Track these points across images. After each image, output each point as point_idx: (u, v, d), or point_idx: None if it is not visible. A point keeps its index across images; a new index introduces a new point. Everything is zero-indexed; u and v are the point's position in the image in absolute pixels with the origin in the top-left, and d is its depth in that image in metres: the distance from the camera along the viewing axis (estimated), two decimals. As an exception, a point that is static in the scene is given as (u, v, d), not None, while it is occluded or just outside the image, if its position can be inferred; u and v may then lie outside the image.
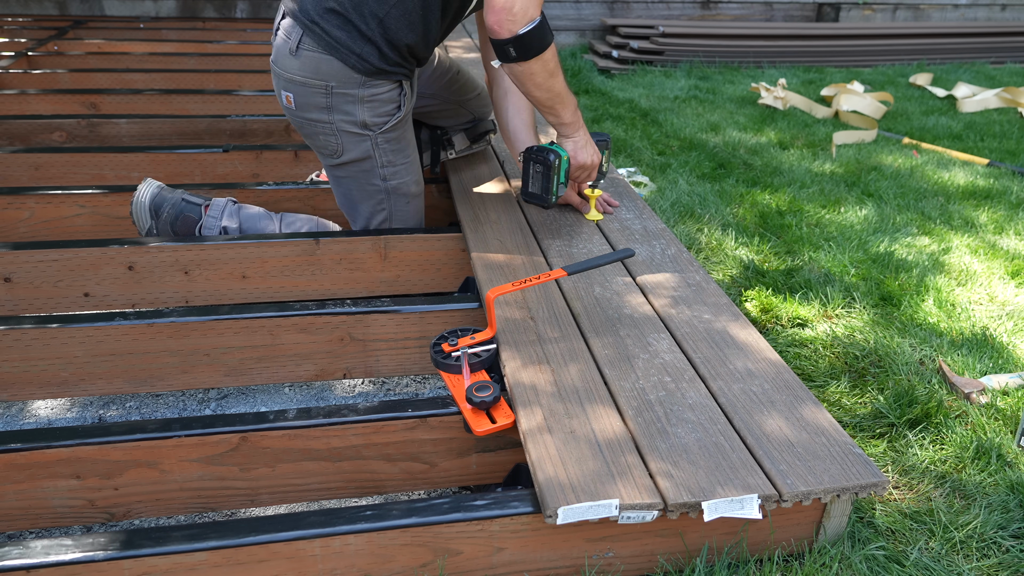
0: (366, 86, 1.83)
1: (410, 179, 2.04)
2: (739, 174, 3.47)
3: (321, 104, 1.85)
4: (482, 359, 1.58)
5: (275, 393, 1.97)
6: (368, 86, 1.84)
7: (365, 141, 1.91)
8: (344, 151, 1.92)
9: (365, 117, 1.87)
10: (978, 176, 3.49)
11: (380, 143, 1.92)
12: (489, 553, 1.29)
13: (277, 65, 1.88)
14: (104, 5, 5.46)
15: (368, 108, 1.86)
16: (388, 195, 2.03)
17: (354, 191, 2.03)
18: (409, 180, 2.04)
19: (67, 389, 1.78)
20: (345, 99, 1.84)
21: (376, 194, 2.03)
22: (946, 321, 2.24)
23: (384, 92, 1.86)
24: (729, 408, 1.44)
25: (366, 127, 1.89)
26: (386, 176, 1.98)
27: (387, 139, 1.94)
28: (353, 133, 1.89)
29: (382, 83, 1.85)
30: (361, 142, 1.91)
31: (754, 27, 6.11)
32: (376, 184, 2.00)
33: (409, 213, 2.10)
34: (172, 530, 1.21)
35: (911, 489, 1.62)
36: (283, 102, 1.93)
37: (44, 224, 2.31)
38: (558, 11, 6.16)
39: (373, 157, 1.93)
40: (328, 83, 1.82)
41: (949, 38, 6.19)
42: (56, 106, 3.26)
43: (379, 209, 2.06)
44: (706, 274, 1.91)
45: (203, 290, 2.05)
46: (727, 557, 1.37)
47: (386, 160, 1.95)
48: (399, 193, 2.04)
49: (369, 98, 1.85)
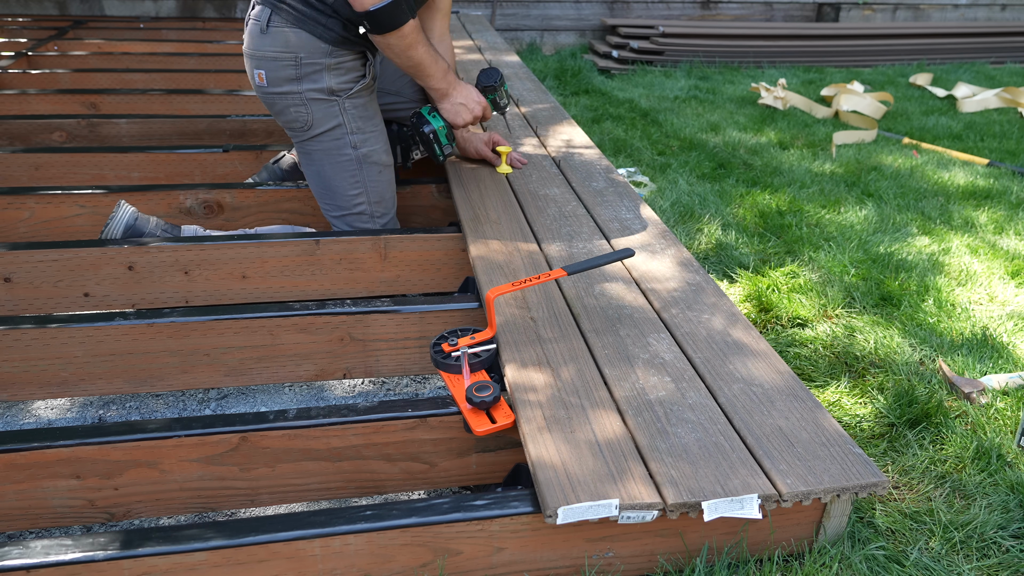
0: (332, 55, 1.98)
1: (380, 147, 2.15)
2: (739, 174, 3.47)
3: (291, 76, 1.98)
4: (482, 359, 1.58)
5: (275, 393, 1.97)
6: (334, 55, 1.98)
7: (333, 106, 2.03)
8: (314, 121, 2.04)
9: (332, 83, 2.01)
10: (978, 176, 3.49)
11: (348, 108, 2.05)
12: (489, 553, 1.29)
13: (249, 48, 2.02)
14: (104, 5, 5.46)
15: (334, 75, 2.00)
16: (360, 165, 2.11)
17: (327, 166, 2.11)
18: (379, 148, 2.15)
19: (67, 389, 1.78)
20: (313, 67, 1.98)
21: (349, 165, 2.10)
22: (946, 321, 2.24)
23: (348, 60, 2.02)
24: (729, 408, 1.44)
25: (333, 93, 2.02)
26: (356, 144, 2.09)
27: (354, 105, 2.06)
28: (321, 100, 2.02)
29: (346, 53, 2.00)
30: (329, 108, 2.03)
31: (754, 27, 6.11)
32: (348, 153, 2.09)
33: (383, 185, 2.19)
34: (172, 530, 1.21)
35: (911, 489, 1.62)
36: (255, 81, 2.05)
37: (44, 224, 2.31)
38: (558, 11, 6.16)
39: (343, 124, 2.05)
40: (297, 54, 1.96)
41: (949, 38, 6.19)
42: (56, 106, 3.26)
43: (354, 183, 2.13)
44: (706, 274, 1.91)
45: (203, 290, 2.05)
46: (727, 557, 1.37)
47: (355, 127, 2.07)
48: (370, 161, 2.13)
49: (335, 65, 2.00)
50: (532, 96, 3.34)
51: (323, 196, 2.17)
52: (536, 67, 5.47)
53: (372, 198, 2.16)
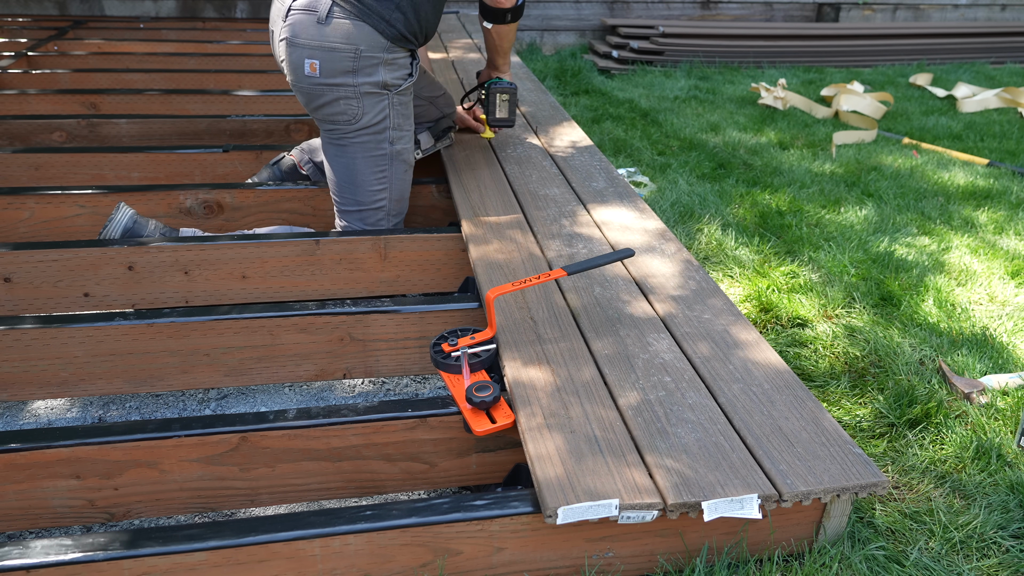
0: (389, 51, 2.01)
1: (410, 147, 2.20)
2: (739, 174, 3.47)
3: (348, 68, 1.99)
4: (482, 359, 1.58)
5: (275, 393, 1.97)
6: (391, 51, 2.02)
7: (383, 100, 2.06)
8: (363, 114, 2.06)
9: (386, 78, 2.03)
10: (978, 176, 3.49)
11: (395, 103, 2.08)
12: (489, 553, 1.29)
13: (298, 38, 1.99)
14: (104, 5, 5.46)
15: (389, 70, 2.03)
16: (392, 161, 2.13)
17: (359, 159, 2.12)
18: (409, 148, 2.19)
19: (67, 389, 1.78)
20: (371, 61, 2.00)
21: (381, 160, 2.12)
22: (946, 321, 2.24)
23: (402, 57, 2.06)
24: (729, 408, 1.44)
25: (385, 87, 2.04)
26: (393, 139, 2.12)
27: (400, 101, 2.10)
28: (373, 94, 2.04)
29: (400, 50, 2.04)
30: (379, 102, 2.05)
31: (754, 27, 6.11)
32: (384, 148, 2.11)
33: (405, 185, 2.22)
34: (172, 530, 1.21)
35: (911, 489, 1.62)
36: (306, 71, 2.03)
37: (44, 224, 2.31)
38: (558, 11, 6.16)
39: (388, 117, 2.08)
40: (358, 47, 1.97)
41: (949, 38, 6.19)
42: (56, 106, 3.26)
43: (381, 178, 2.14)
44: (706, 274, 1.91)
45: (203, 290, 2.05)
46: (727, 557, 1.37)
47: (396, 123, 2.11)
48: (401, 159, 2.16)
49: (391, 60, 2.03)
50: (532, 96, 3.34)
51: (345, 190, 2.16)
52: (536, 67, 5.47)
53: (394, 195, 2.18)
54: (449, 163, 2.52)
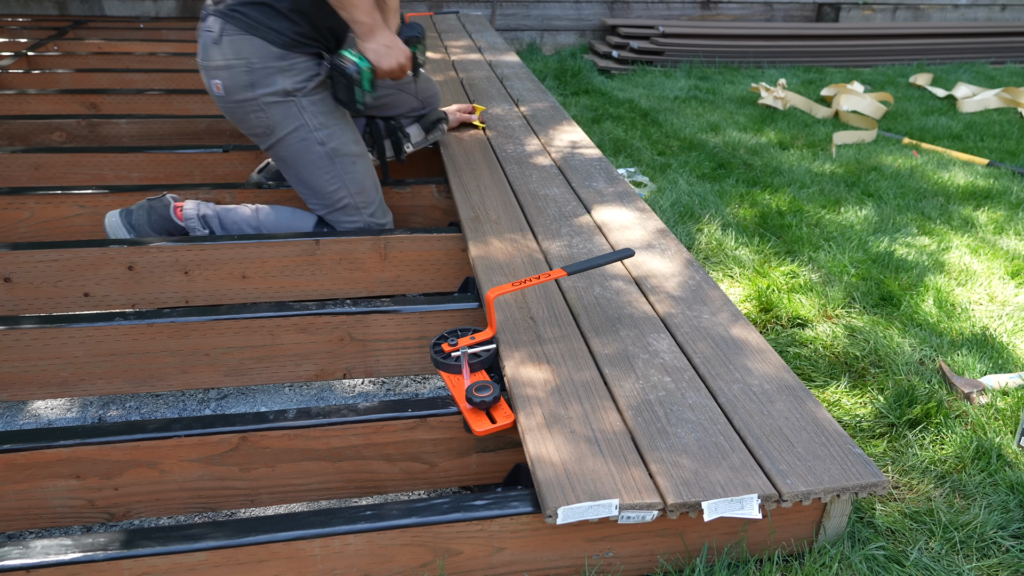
0: (285, 59, 1.99)
1: (348, 139, 2.13)
2: (739, 174, 3.47)
3: (245, 82, 1.99)
4: (482, 359, 1.58)
5: (275, 393, 1.97)
6: (287, 59, 1.99)
7: (291, 107, 2.03)
8: (275, 125, 2.04)
9: (285, 84, 2.00)
10: (978, 176, 3.49)
11: (306, 106, 2.04)
12: (489, 553, 1.29)
13: (204, 60, 2.02)
14: (104, 5, 5.46)
15: (287, 76, 2.01)
16: (332, 160, 2.10)
17: (300, 168, 2.11)
18: (347, 140, 2.13)
19: (67, 389, 1.78)
20: (266, 72, 1.98)
21: (321, 162, 2.10)
22: (946, 321, 2.24)
23: (302, 62, 2.02)
24: (729, 408, 1.44)
25: (288, 94, 2.02)
26: (323, 140, 2.08)
27: (312, 102, 2.05)
28: (278, 103, 2.02)
29: (298, 55, 2.01)
30: (287, 109, 2.03)
31: (754, 27, 6.11)
32: (316, 151, 2.08)
33: (360, 175, 2.16)
34: (172, 530, 1.21)
35: (911, 489, 1.62)
36: (213, 92, 2.05)
37: (44, 224, 2.31)
38: (558, 11, 6.16)
39: (304, 123, 2.05)
40: (250, 60, 1.97)
41: (949, 38, 6.19)
42: (56, 106, 3.26)
43: (331, 179, 2.12)
44: (706, 274, 1.91)
45: (203, 290, 2.05)
46: (727, 557, 1.37)
47: (317, 123, 2.06)
48: (341, 154, 2.11)
49: (288, 67, 2.00)
50: (532, 96, 3.34)
51: (308, 197, 2.17)
52: (536, 67, 5.47)
53: (352, 189, 2.15)
54: (449, 163, 2.52)
